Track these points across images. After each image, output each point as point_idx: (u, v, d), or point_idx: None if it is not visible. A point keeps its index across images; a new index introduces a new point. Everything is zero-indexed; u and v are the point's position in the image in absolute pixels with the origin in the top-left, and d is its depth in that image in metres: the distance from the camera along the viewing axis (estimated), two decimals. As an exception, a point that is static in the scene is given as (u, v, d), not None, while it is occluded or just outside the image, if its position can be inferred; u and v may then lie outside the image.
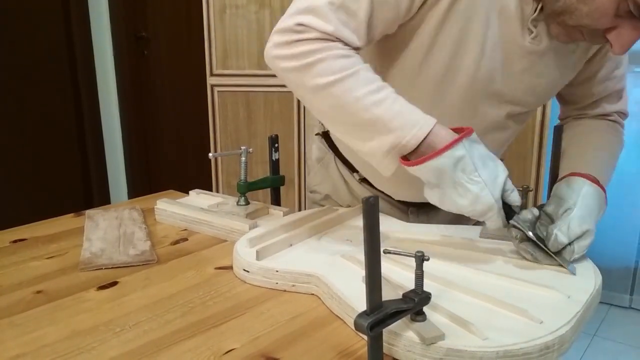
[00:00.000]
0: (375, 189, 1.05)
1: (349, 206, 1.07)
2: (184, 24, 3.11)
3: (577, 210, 0.80)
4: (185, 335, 0.67)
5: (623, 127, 1.03)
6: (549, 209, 0.83)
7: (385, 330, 0.58)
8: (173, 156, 3.36)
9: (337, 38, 0.77)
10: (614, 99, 0.99)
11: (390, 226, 0.94)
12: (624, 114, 1.03)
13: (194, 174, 3.12)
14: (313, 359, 0.63)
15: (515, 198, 0.78)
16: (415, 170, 0.75)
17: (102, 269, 0.87)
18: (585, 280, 0.74)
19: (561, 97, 1.03)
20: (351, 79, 0.76)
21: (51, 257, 0.93)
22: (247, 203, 1.07)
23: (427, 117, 0.75)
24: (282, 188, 1.16)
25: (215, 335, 0.67)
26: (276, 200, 1.16)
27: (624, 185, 2.45)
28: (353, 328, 0.58)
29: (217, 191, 2.54)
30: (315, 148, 1.15)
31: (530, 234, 0.78)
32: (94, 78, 3.20)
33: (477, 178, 0.73)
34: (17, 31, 2.84)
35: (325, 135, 1.11)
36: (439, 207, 0.78)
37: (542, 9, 0.80)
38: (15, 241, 1.01)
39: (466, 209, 0.75)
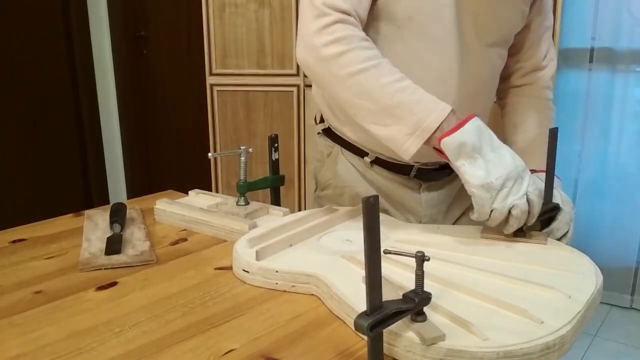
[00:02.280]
0: (387, 169, 1.07)
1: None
2: (183, 23, 3.10)
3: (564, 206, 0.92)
4: (185, 335, 0.67)
5: (551, 99, 1.14)
6: None
7: (385, 331, 0.58)
8: (172, 156, 3.36)
9: (352, 14, 0.86)
10: (542, 49, 1.09)
11: (390, 226, 0.94)
12: (553, 77, 1.14)
13: (193, 174, 3.12)
14: (313, 359, 0.62)
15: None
16: (460, 134, 0.80)
17: (101, 269, 0.87)
18: (586, 280, 0.74)
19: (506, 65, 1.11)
20: (376, 69, 0.85)
21: (51, 257, 0.93)
22: (247, 203, 1.07)
23: (445, 104, 0.83)
24: (281, 188, 1.16)
25: (215, 335, 0.67)
26: (276, 200, 1.16)
27: (624, 185, 2.45)
28: (353, 328, 0.58)
29: (217, 191, 2.54)
30: (321, 146, 1.15)
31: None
32: (93, 78, 3.20)
33: (501, 143, 0.82)
34: (16, 31, 2.84)
35: (328, 132, 1.12)
36: (484, 178, 0.79)
37: None
38: (14, 241, 1.01)
39: (510, 167, 0.79)
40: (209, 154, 1.12)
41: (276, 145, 1.12)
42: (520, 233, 0.86)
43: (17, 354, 0.64)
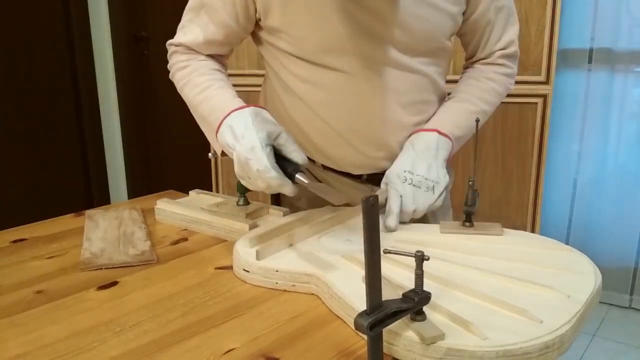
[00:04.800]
0: (337, 173, 1.08)
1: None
2: (183, 23, 3.10)
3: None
4: (185, 335, 0.67)
5: (511, 67, 1.10)
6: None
7: (385, 330, 0.58)
8: (173, 156, 3.36)
9: (185, 47, 1.03)
10: (496, 33, 1.05)
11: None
12: (510, 56, 1.09)
13: (193, 174, 3.11)
14: (313, 358, 0.63)
15: (296, 155, 0.85)
16: (219, 136, 0.90)
17: (102, 269, 0.87)
18: (585, 280, 0.74)
19: (463, 46, 1.10)
20: (186, 87, 1.01)
21: (51, 257, 0.93)
22: (247, 203, 1.07)
23: (224, 113, 0.90)
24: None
25: (215, 335, 0.67)
26: (276, 200, 1.16)
27: (624, 185, 2.45)
28: (353, 328, 0.58)
29: (217, 191, 2.54)
30: None
31: (308, 181, 0.82)
32: (93, 78, 3.20)
33: (251, 127, 0.85)
34: (16, 31, 2.84)
35: None
36: (237, 171, 0.86)
37: None
38: (15, 241, 1.01)
39: (239, 154, 0.83)
40: (209, 154, 1.12)
41: (276, 145, 1.12)
42: (470, 224, 0.91)
43: (18, 354, 0.64)
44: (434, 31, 0.97)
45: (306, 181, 0.82)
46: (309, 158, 1.06)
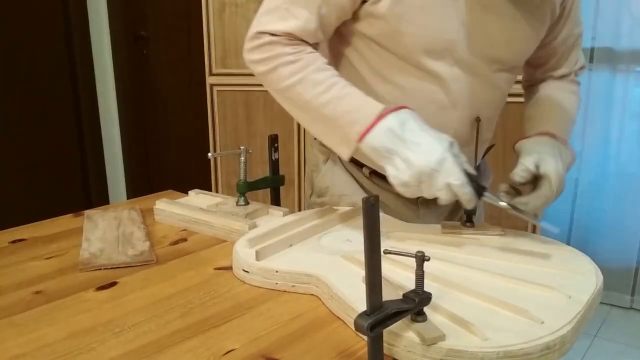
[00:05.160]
0: (384, 181, 1.04)
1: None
2: (183, 23, 3.10)
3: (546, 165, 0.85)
4: (185, 335, 0.67)
5: (580, 83, 1.13)
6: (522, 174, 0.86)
7: (385, 331, 0.58)
8: (172, 156, 3.36)
9: (289, 37, 0.87)
10: (573, 57, 1.08)
11: (390, 226, 0.94)
12: (582, 69, 1.12)
13: (193, 174, 3.11)
14: (313, 359, 0.62)
15: (467, 166, 0.81)
16: (370, 139, 0.81)
17: (101, 269, 0.87)
18: (587, 281, 0.74)
19: (529, 61, 1.08)
20: (299, 85, 0.86)
21: (50, 257, 0.93)
22: (247, 203, 1.06)
23: (371, 111, 0.82)
24: (281, 188, 1.16)
25: (215, 335, 0.67)
26: (276, 201, 1.16)
27: (625, 185, 2.45)
28: (353, 328, 0.58)
29: (217, 191, 2.54)
30: (317, 152, 1.13)
31: (503, 203, 0.81)
32: (92, 77, 3.20)
33: (424, 133, 0.80)
34: (16, 31, 2.83)
35: None
36: (400, 178, 0.80)
37: None
38: (14, 241, 1.01)
39: (422, 163, 0.78)
40: (209, 154, 1.12)
41: (276, 145, 1.12)
42: (471, 224, 0.90)
43: (17, 354, 0.64)
44: (527, 52, 0.99)
45: (494, 197, 0.81)
46: (356, 162, 1.05)
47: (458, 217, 1.11)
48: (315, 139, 1.11)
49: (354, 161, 1.06)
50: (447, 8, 0.87)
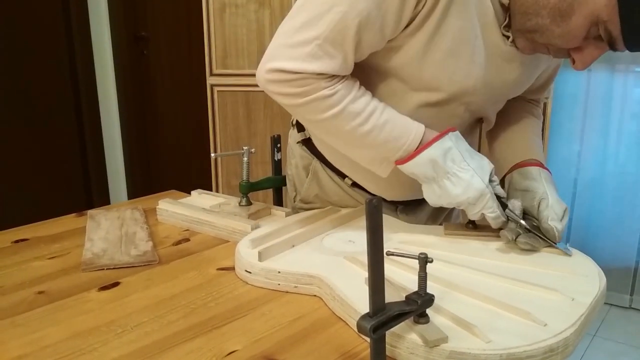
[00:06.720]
0: (366, 191, 1.04)
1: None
2: (183, 23, 3.10)
3: (550, 196, 0.86)
4: (187, 336, 0.67)
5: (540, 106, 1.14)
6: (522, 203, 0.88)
7: (388, 333, 0.58)
8: (172, 156, 3.36)
9: (321, 75, 0.79)
10: (544, 88, 1.09)
11: (393, 228, 0.94)
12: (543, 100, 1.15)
13: (193, 174, 3.11)
14: (316, 360, 0.62)
15: (500, 190, 0.85)
16: (411, 165, 0.82)
17: (103, 269, 0.87)
18: (590, 283, 0.74)
19: None
20: (338, 118, 0.81)
21: (53, 257, 0.93)
22: (249, 203, 1.06)
23: (412, 137, 0.82)
24: (284, 188, 1.16)
25: (217, 336, 0.67)
26: (278, 201, 1.16)
27: (624, 185, 2.45)
28: (356, 330, 0.58)
29: (217, 191, 2.54)
30: (298, 155, 1.08)
31: (523, 222, 0.83)
32: (93, 78, 3.20)
33: (467, 166, 0.81)
34: (16, 31, 2.83)
35: (307, 142, 1.06)
36: (436, 202, 0.85)
37: (509, 16, 0.82)
38: (17, 241, 1.01)
39: (461, 197, 0.82)
40: (212, 154, 1.12)
41: (278, 145, 1.12)
42: (473, 225, 0.91)
43: (19, 355, 0.64)
44: (528, 87, 0.98)
45: (517, 218, 0.84)
46: (338, 172, 1.03)
47: (439, 222, 1.12)
48: (297, 143, 1.08)
49: (334, 170, 1.04)
50: (474, 56, 0.84)
